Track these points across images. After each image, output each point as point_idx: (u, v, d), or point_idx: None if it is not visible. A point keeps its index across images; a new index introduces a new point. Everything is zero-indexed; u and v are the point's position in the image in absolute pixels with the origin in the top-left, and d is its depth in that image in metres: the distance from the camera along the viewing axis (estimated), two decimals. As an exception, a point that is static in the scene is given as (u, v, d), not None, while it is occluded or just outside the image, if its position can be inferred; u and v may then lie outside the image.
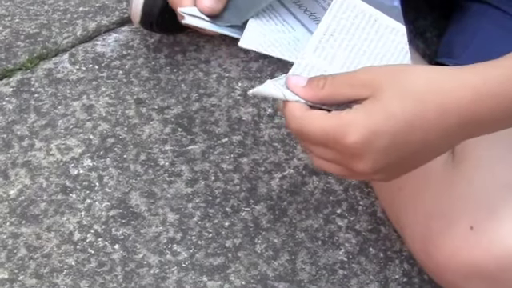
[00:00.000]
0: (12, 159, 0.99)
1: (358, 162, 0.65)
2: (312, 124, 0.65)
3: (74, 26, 1.13)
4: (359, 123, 0.63)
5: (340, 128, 0.63)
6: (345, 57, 0.67)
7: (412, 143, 0.64)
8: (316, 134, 0.65)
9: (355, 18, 0.66)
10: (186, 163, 0.98)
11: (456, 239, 0.78)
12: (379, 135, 0.63)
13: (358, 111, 0.63)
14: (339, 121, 0.64)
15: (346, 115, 0.64)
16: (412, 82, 0.63)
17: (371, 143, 0.63)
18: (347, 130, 0.63)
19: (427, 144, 0.65)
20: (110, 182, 0.97)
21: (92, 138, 1.01)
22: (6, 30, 1.13)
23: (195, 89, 1.06)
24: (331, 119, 0.64)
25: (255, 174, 0.97)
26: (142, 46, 1.11)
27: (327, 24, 0.66)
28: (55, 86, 1.06)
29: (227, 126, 1.02)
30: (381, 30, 0.67)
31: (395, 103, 0.63)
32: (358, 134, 0.63)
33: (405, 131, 0.63)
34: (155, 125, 1.02)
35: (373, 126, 0.63)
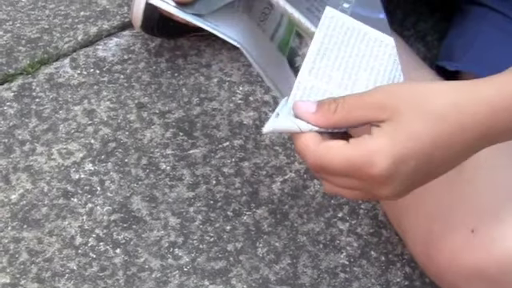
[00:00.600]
0: (13, 164, 0.99)
1: (383, 188, 0.63)
2: (333, 156, 0.62)
3: (75, 31, 1.13)
4: (385, 151, 0.60)
5: (365, 158, 0.61)
6: (341, 74, 0.66)
7: (435, 161, 0.63)
8: (339, 166, 0.62)
9: (345, 34, 0.66)
10: (187, 167, 0.98)
11: (457, 242, 0.78)
12: (405, 160, 0.61)
13: (381, 137, 0.61)
14: (363, 150, 0.61)
15: (369, 143, 0.61)
16: (429, 102, 0.62)
17: (398, 169, 0.61)
18: (373, 160, 0.60)
19: (448, 159, 0.64)
20: (112, 187, 0.97)
21: (93, 142, 1.01)
22: (7, 34, 1.13)
23: (196, 93, 1.06)
24: (354, 149, 0.61)
25: (256, 177, 0.98)
26: (143, 50, 1.11)
27: (319, 43, 0.65)
28: (56, 90, 1.06)
29: (228, 130, 1.02)
30: (371, 44, 0.67)
31: (417, 125, 0.61)
32: (385, 163, 0.60)
33: (429, 152, 0.62)
34: (156, 129, 1.02)
35: (399, 153, 0.61)
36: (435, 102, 0.62)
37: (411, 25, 1.15)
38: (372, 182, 0.62)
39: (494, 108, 0.63)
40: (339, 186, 0.64)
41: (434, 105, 0.62)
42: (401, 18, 1.16)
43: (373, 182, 0.62)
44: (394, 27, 1.06)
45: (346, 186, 0.64)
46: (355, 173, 0.61)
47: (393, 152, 0.60)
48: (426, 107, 0.61)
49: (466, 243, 0.77)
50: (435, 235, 0.80)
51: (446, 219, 0.80)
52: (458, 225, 0.78)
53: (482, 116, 0.63)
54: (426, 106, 0.62)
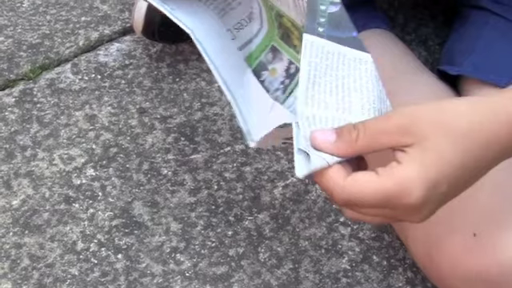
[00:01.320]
0: (15, 169, 0.99)
1: (414, 215, 0.61)
2: (365, 190, 0.59)
3: (77, 36, 1.14)
4: (418, 179, 0.58)
5: (399, 188, 0.58)
6: (335, 99, 0.65)
7: (463, 181, 0.62)
8: (372, 199, 0.59)
9: (327, 59, 0.66)
10: (188, 172, 0.98)
11: (459, 246, 0.78)
12: (438, 185, 0.59)
13: (411, 164, 0.59)
14: (396, 181, 0.58)
15: (401, 172, 0.58)
16: (453, 122, 0.60)
17: (432, 195, 0.59)
18: (408, 189, 0.58)
19: (474, 177, 0.62)
20: (113, 192, 0.97)
21: (95, 147, 1.01)
22: (9, 40, 1.13)
23: (198, 98, 1.06)
24: (385, 181, 0.58)
25: (258, 182, 0.97)
26: (144, 55, 1.11)
27: (306, 71, 0.65)
28: (58, 96, 1.06)
29: (230, 134, 1.02)
30: (352, 64, 0.66)
31: (445, 148, 0.59)
32: (420, 191, 0.58)
33: (458, 174, 0.61)
34: (158, 134, 1.02)
35: (432, 178, 0.59)
36: (459, 123, 0.60)
37: (412, 29, 1.15)
38: (404, 211, 0.60)
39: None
40: (366, 214, 0.62)
41: (458, 125, 0.60)
42: (402, 22, 1.16)
43: (405, 210, 0.60)
44: (395, 32, 1.07)
45: (374, 215, 0.62)
46: (388, 204, 0.59)
47: (426, 178, 0.58)
48: (450, 128, 0.60)
49: (468, 247, 0.77)
50: (437, 239, 0.80)
51: (448, 223, 0.80)
52: (459, 229, 0.78)
53: (505, 132, 0.62)
54: (451, 127, 0.60)
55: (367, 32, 1.04)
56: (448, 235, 0.78)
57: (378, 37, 1.04)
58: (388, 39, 1.04)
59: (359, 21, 1.05)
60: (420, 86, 0.94)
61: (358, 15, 1.05)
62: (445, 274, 0.79)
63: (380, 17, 1.08)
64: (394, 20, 1.16)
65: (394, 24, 1.15)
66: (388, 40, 1.04)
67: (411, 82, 0.95)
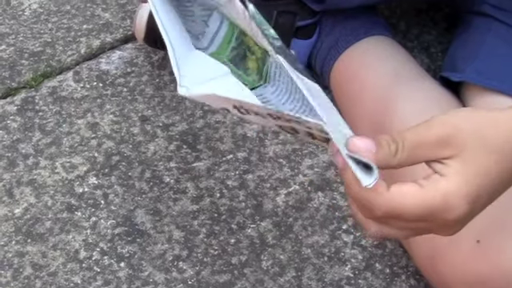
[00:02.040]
0: (17, 178, 0.99)
1: (452, 228, 0.60)
2: (410, 203, 0.57)
3: (78, 44, 1.14)
4: (463, 194, 0.57)
5: (443, 202, 0.57)
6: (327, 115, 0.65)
7: (499, 192, 0.61)
8: (415, 212, 0.57)
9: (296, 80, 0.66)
10: (191, 180, 0.98)
11: (462, 253, 0.77)
12: (479, 200, 0.59)
13: (455, 178, 0.57)
14: (441, 195, 0.57)
15: (445, 186, 0.57)
16: (490, 135, 0.59)
17: (472, 209, 0.59)
18: (452, 205, 0.57)
19: (508, 186, 0.63)
20: (116, 200, 0.97)
21: (97, 155, 1.01)
22: (10, 48, 1.13)
23: (199, 105, 1.06)
24: (431, 194, 0.57)
25: (260, 190, 0.97)
26: (146, 63, 1.11)
27: (306, 90, 0.64)
28: (59, 104, 1.06)
29: (232, 142, 1.02)
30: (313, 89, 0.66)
31: (484, 161, 0.58)
32: (463, 207, 0.57)
33: (496, 188, 0.60)
34: (160, 142, 1.02)
35: (473, 193, 0.58)
36: (497, 134, 0.59)
37: (414, 36, 1.15)
38: (443, 224, 0.59)
39: None
40: (400, 228, 0.60)
41: (495, 137, 0.59)
42: (404, 29, 1.16)
43: (444, 224, 0.59)
44: (397, 39, 1.07)
45: (407, 228, 0.60)
46: (430, 217, 0.58)
47: (468, 193, 0.57)
48: (488, 141, 0.59)
49: (471, 254, 0.77)
50: (440, 246, 0.79)
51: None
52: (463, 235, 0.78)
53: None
54: (488, 139, 0.59)
55: (369, 39, 1.04)
56: (451, 242, 0.78)
57: (380, 44, 1.04)
58: (390, 46, 1.05)
59: (361, 28, 1.05)
60: (422, 93, 0.94)
61: (359, 22, 1.06)
62: (448, 280, 0.79)
63: (382, 24, 1.08)
64: (396, 27, 1.16)
65: (396, 31, 1.15)
66: (390, 47, 1.04)
67: (413, 88, 0.95)
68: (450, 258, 0.78)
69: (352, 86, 1.00)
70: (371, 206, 0.58)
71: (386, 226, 0.60)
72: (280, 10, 1.05)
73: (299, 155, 1.01)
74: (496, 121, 0.60)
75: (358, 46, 1.03)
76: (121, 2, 1.19)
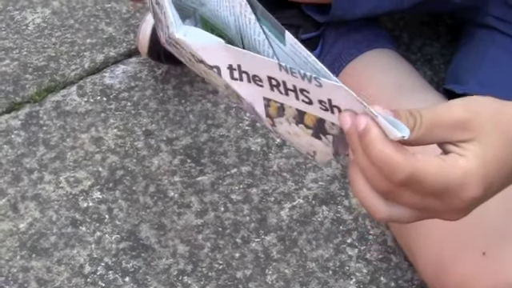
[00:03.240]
0: (21, 192, 0.99)
1: (460, 212, 0.59)
2: (432, 171, 0.56)
3: (82, 58, 1.14)
4: (479, 174, 0.56)
5: (463, 179, 0.56)
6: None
7: (510, 183, 0.61)
8: (435, 182, 0.56)
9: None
10: (195, 194, 0.98)
11: (468, 265, 0.77)
12: (491, 186, 0.58)
13: (475, 160, 0.56)
14: (462, 171, 0.56)
15: (467, 165, 0.56)
16: (508, 124, 0.59)
17: (485, 195, 0.58)
18: (470, 184, 0.56)
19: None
20: (120, 215, 0.97)
21: (101, 170, 1.01)
22: (14, 62, 1.14)
23: (203, 119, 1.06)
24: (450, 169, 0.56)
25: (265, 204, 0.97)
26: (149, 77, 1.11)
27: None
28: (64, 118, 1.07)
29: (236, 156, 1.02)
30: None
31: (503, 149, 0.57)
32: (478, 188, 0.56)
33: (509, 177, 0.59)
34: (164, 156, 1.02)
35: (489, 177, 0.57)
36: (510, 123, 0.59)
37: (417, 49, 1.15)
38: (455, 205, 0.58)
39: None
40: (411, 204, 0.58)
41: (510, 127, 0.58)
42: (407, 41, 1.16)
43: (456, 205, 0.58)
44: (400, 51, 1.07)
45: (421, 205, 0.58)
46: (447, 192, 0.56)
47: (485, 176, 0.57)
48: (504, 128, 0.58)
49: (477, 266, 0.77)
50: (445, 259, 0.79)
51: (457, 242, 0.79)
52: (468, 247, 0.78)
53: None
54: (505, 127, 0.58)
55: (372, 52, 1.04)
56: (457, 254, 0.78)
57: (383, 56, 1.04)
58: (393, 59, 1.05)
59: (364, 41, 1.05)
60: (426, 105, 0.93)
61: (362, 35, 1.06)
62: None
63: (385, 36, 1.08)
64: (398, 39, 1.16)
65: (399, 43, 1.15)
66: (393, 59, 1.04)
67: (417, 100, 0.95)
68: (456, 270, 0.78)
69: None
70: (394, 168, 0.55)
71: (396, 203, 0.58)
72: (283, 23, 1.05)
73: (303, 169, 1.01)
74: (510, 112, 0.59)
75: (362, 59, 1.03)
76: (124, 17, 1.19)
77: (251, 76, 0.59)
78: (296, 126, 0.60)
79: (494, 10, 0.99)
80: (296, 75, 0.56)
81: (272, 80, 0.58)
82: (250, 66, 0.58)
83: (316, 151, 0.63)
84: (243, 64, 0.59)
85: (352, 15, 1.03)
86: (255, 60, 0.58)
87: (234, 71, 0.59)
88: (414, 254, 0.86)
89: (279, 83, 0.58)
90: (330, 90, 0.55)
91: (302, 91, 0.57)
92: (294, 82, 0.57)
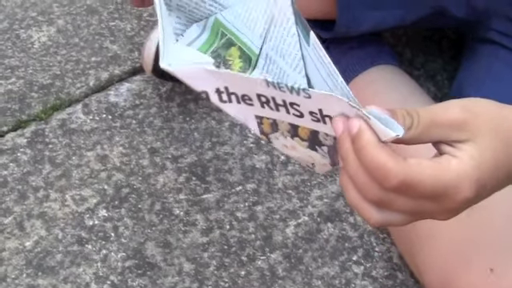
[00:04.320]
0: (27, 210, 0.99)
1: (451, 212, 0.58)
2: (426, 174, 0.55)
3: (87, 76, 1.14)
4: (473, 177, 0.56)
5: (457, 181, 0.55)
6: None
7: (502, 187, 0.60)
8: (429, 187, 0.55)
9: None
10: (200, 212, 0.98)
11: (475, 281, 0.77)
12: (485, 189, 0.58)
13: (469, 162, 0.56)
14: (456, 173, 0.55)
15: (460, 167, 0.56)
16: (505, 126, 0.58)
17: (477, 196, 0.57)
18: (463, 185, 0.56)
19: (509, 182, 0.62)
20: (126, 233, 0.97)
21: (107, 188, 1.01)
22: (20, 81, 1.14)
23: (208, 137, 1.06)
24: (443, 172, 0.55)
25: (270, 221, 0.98)
26: (154, 95, 1.11)
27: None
28: (69, 136, 1.07)
29: (241, 174, 1.02)
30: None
31: (499, 151, 0.57)
32: (471, 189, 0.56)
33: (501, 179, 0.59)
34: (169, 174, 1.02)
35: (483, 179, 0.57)
36: (509, 128, 0.58)
37: (421, 64, 1.16)
38: (448, 206, 0.57)
39: None
40: (403, 208, 0.57)
41: (508, 129, 0.58)
42: (410, 57, 1.16)
43: (449, 206, 0.57)
44: (403, 67, 1.07)
45: (414, 208, 0.58)
46: (441, 194, 0.56)
47: (479, 178, 0.56)
48: (501, 132, 0.58)
49: (484, 283, 0.77)
50: (451, 274, 0.79)
51: (462, 257, 0.79)
52: (475, 263, 0.78)
53: None
54: (502, 129, 0.58)
55: (376, 68, 1.05)
56: (463, 269, 0.78)
57: (387, 73, 1.05)
58: (396, 75, 1.05)
59: (367, 57, 1.06)
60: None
61: (365, 52, 1.06)
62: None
63: (388, 52, 1.08)
64: (401, 55, 1.16)
65: (402, 59, 1.15)
66: (396, 76, 1.05)
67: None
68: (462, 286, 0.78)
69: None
70: (386, 174, 0.55)
71: (387, 208, 0.58)
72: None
73: (308, 186, 1.01)
74: (509, 113, 0.59)
75: (365, 76, 1.04)
76: (128, 35, 1.20)
77: (240, 96, 0.59)
78: (291, 139, 0.61)
79: (497, 25, 0.99)
80: (284, 89, 0.56)
81: (261, 97, 0.58)
82: (237, 87, 0.58)
83: (314, 163, 0.63)
84: (230, 85, 0.58)
85: (356, 31, 1.04)
86: (242, 79, 0.58)
87: (222, 94, 0.59)
88: (420, 269, 0.86)
89: (269, 99, 0.58)
90: (320, 100, 0.55)
91: (292, 105, 0.57)
92: (283, 97, 0.57)
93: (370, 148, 0.54)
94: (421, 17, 0.99)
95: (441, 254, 0.81)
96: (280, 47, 0.65)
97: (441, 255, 0.81)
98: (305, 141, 0.60)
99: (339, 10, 0.98)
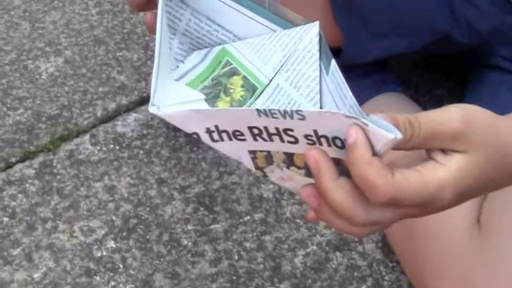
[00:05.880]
0: (36, 242, 0.99)
1: (433, 213, 0.59)
2: (412, 189, 0.55)
3: (94, 107, 1.15)
4: (456, 188, 0.56)
5: (437, 190, 0.56)
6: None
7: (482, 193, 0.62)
8: (416, 199, 0.55)
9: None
10: (208, 243, 0.98)
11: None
12: (467, 195, 0.58)
13: (453, 171, 0.56)
14: (436, 184, 0.56)
15: (443, 177, 0.56)
16: (500, 140, 0.58)
17: (457, 201, 0.58)
18: (443, 195, 0.56)
19: (496, 187, 0.62)
20: (134, 264, 0.97)
21: (115, 219, 1.01)
22: (28, 111, 1.15)
23: (216, 167, 1.06)
24: (428, 183, 0.55)
25: (278, 251, 0.97)
26: (161, 125, 1.12)
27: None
28: (77, 167, 1.07)
29: (249, 203, 1.02)
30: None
31: (488, 165, 0.58)
32: (452, 200, 0.56)
33: (485, 189, 0.60)
34: (177, 204, 1.03)
35: (465, 193, 0.57)
36: (504, 141, 0.59)
37: (427, 91, 1.16)
38: (431, 211, 0.58)
39: None
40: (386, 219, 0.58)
41: (502, 143, 0.59)
42: (416, 84, 1.17)
43: (431, 211, 0.58)
44: (409, 93, 1.08)
45: (397, 215, 0.58)
46: (425, 204, 0.56)
47: (461, 190, 0.56)
48: (497, 145, 0.58)
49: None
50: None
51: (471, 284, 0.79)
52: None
53: None
54: (497, 144, 0.58)
55: (381, 96, 1.05)
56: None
57: (393, 100, 1.05)
58: (402, 102, 1.05)
59: (373, 86, 1.06)
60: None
61: (371, 80, 1.07)
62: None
63: (393, 80, 1.09)
64: (407, 82, 1.16)
65: (408, 85, 1.16)
66: (402, 103, 1.05)
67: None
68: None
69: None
70: (375, 191, 0.55)
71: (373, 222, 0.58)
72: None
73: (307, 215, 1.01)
74: (507, 127, 0.59)
75: (370, 104, 1.04)
76: (135, 65, 1.20)
77: (231, 133, 0.58)
78: (288, 169, 0.60)
79: (502, 51, 0.99)
80: (276, 115, 0.55)
81: (253, 129, 0.57)
82: (228, 123, 0.58)
83: None
84: (220, 123, 0.58)
85: (362, 59, 1.04)
86: (232, 114, 0.57)
87: (213, 133, 0.59)
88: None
89: (261, 130, 0.57)
90: (315, 119, 0.55)
91: (286, 131, 0.57)
92: (276, 124, 0.56)
93: (361, 163, 0.54)
94: (426, 43, 0.99)
95: (448, 280, 0.81)
96: (296, 79, 0.66)
97: (448, 281, 0.81)
98: (301, 168, 0.60)
99: (345, 41, 0.99)
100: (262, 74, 0.67)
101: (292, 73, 0.66)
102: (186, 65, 0.71)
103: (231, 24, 0.70)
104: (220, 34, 0.70)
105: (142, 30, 1.26)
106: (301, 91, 0.65)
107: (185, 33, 0.70)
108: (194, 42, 0.70)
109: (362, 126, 0.54)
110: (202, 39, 0.70)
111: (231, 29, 0.70)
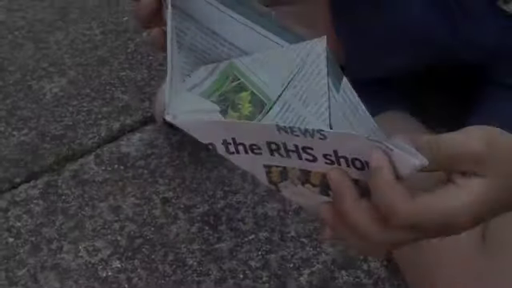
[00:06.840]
0: (41, 262, 0.99)
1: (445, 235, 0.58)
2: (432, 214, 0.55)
3: (99, 127, 1.15)
4: (474, 213, 0.56)
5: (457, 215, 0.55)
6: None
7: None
8: (435, 223, 0.55)
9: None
10: (213, 262, 0.98)
11: None
12: (483, 220, 0.57)
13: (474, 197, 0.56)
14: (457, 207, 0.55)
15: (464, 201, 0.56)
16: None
17: (475, 223, 0.57)
18: (462, 219, 0.55)
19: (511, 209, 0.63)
20: (139, 284, 0.97)
21: (120, 239, 1.02)
22: (32, 132, 1.15)
23: (220, 186, 1.07)
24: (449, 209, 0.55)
25: (284, 270, 0.97)
26: (165, 144, 1.12)
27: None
28: (82, 187, 1.08)
29: (253, 222, 1.02)
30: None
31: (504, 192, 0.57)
32: (467, 223, 0.56)
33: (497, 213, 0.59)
34: (182, 224, 1.03)
35: (482, 216, 0.57)
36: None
37: (433, 109, 1.16)
38: (447, 233, 0.57)
39: None
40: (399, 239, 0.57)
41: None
42: (421, 102, 1.17)
43: (447, 233, 0.57)
44: (415, 112, 1.07)
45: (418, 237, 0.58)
46: (441, 227, 0.56)
47: (479, 212, 0.56)
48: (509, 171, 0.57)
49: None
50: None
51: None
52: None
53: None
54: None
55: (385, 115, 1.05)
56: None
57: (397, 119, 1.05)
58: (408, 121, 1.05)
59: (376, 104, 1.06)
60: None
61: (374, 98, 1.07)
62: None
63: (397, 98, 1.09)
64: (413, 99, 1.16)
65: (414, 103, 1.16)
66: (408, 122, 1.05)
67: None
68: None
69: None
70: (397, 216, 0.55)
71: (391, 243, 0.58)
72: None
73: (321, 233, 1.01)
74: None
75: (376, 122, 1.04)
76: (139, 84, 1.21)
77: (248, 146, 0.58)
78: (302, 186, 0.60)
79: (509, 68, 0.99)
80: (297, 133, 0.55)
81: (271, 145, 0.57)
82: (245, 136, 0.58)
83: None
84: (238, 136, 0.58)
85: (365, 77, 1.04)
86: (252, 127, 0.57)
87: (229, 145, 0.59)
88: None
89: (279, 146, 0.57)
90: (337, 140, 0.55)
91: (305, 149, 0.56)
92: (296, 142, 0.56)
93: (384, 186, 0.54)
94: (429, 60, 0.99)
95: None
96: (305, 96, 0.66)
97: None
98: (316, 186, 0.59)
99: (347, 59, 0.99)
100: (269, 90, 0.67)
101: (300, 89, 0.66)
102: (192, 79, 0.71)
103: (236, 37, 0.70)
104: (226, 48, 0.70)
105: (146, 50, 1.27)
106: (309, 108, 0.66)
107: (190, 46, 0.70)
108: (199, 55, 0.71)
109: (385, 149, 0.54)
110: (207, 53, 0.71)
111: (237, 43, 0.70)
